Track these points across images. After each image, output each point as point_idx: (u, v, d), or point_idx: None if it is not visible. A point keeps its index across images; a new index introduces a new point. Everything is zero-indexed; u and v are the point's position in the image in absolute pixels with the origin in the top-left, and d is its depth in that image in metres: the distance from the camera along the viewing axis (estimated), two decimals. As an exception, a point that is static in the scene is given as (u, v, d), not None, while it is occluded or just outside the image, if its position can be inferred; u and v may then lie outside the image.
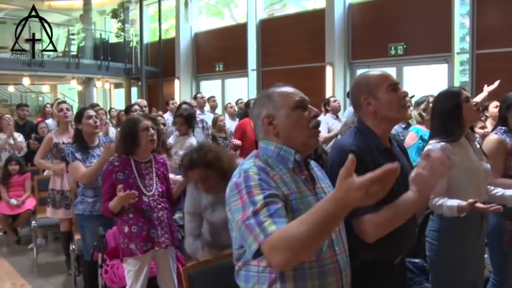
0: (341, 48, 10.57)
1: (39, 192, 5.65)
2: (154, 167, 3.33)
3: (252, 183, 1.59)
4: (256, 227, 1.50)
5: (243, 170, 1.66)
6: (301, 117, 1.74)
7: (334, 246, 1.70)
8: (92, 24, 16.68)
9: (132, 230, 3.15)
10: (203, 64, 14.30)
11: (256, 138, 1.85)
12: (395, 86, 2.04)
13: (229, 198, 1.64)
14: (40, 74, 13.68)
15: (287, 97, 1.76)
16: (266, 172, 1.64)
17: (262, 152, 1.76)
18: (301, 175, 1.74)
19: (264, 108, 1.77)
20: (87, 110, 4.10)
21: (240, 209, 1.57)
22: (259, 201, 1.54)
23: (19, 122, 7.99)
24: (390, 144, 2.12)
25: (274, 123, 1.74)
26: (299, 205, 1.63)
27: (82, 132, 3.98)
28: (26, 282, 4.93)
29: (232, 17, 14.93)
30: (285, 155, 1.72)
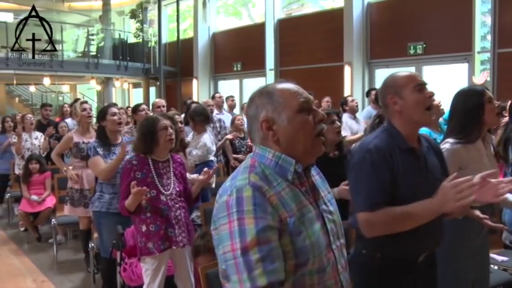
0: (359, 47, 10.49)
1: (59, 190, 5.72)
2: (172, 167, 3.34)
3: (245, 208, 1.38)
4: (245, 271, 1.34)
5: (235, 187, 1.43)
6: (306, 122, 1.50)
7: (338, 264, 1.54)
8: (111, 25, 16.84)
9: (149, 229, 3.17)
10: (221, 64, 14.33)
11: (251, 141, 1.60)
12: (421, 86, 2.06)
13: (217, 218, 1.43)
14: (60, 74, 13.86)
15: (290, 97, 1.51)
16: (263, 192, 1.41)
17: (258, 161, 1.51)
18: (302, 187, 1.52)
19: (263, 109, 1.51)
20: (111, 107, 4.12)
21: (228, 237, 1.38)
22: (250, 234, 1.35)
23: (43, 121, 8.11)
24: (419, 144, 2.12)
25: (274, 128, 1.49)
26: (299, 227, 1.43)
27: (105, 129, 4.02)
28: (46, 279, 5.00)
29: (250, 17, 14.92)
30: (284, 165, 1.49)
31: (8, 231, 6.91)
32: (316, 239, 1.45)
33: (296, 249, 1.42)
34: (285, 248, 1.40)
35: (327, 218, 1.54)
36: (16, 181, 7.19)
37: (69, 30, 17.09)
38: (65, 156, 6.76)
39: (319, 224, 1.49)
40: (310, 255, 1.43)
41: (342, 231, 1.62)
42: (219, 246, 1.42)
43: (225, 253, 1.38)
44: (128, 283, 3.50)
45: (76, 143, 4.92)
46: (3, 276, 5.12)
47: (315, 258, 1.44)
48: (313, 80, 10.33)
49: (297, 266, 1.43)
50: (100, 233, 4.06)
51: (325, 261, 1.48)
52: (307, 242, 1.43)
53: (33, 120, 7.09)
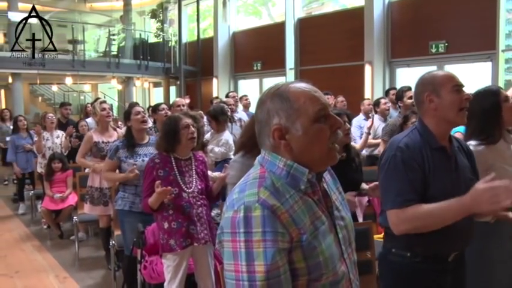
0: (380, 46, 10.39)
1: (80, 188, 5.79)
2: (194, 165, 3.37)
3: (253, 230, 1.27)
4: None
5: (244, 204, 1.31)
6: (322, 132, 1.37)
7: (350, 274, 1.46)
8: (131, 25, 17.00)
9: (171, 226, 3.19)
10: (241, 63, 14.35)
11: (259, 145, 1.46)
12: (459, 88, 2.08)
13: (222, 232, 1.35)
14: (82, 73, 14.03)
15: (306, 104, 1.37)
16: (273, 211, 1.30)
17: (268, 170, 1.39)
18: (315, 195, 1.41)
19: (275, 115, 1.37)
20: (135, 106, 4.17)
21: (232, 256, 1.29)
22: (258, 260, 1.26)
23: (62, 120, 8.22)
24: (450, 143, 2.13)
25: (287, 137, 1.36)
26: (312, 242, 1.34)
27: (132, 129, 4.06)
28: (68, 275, 5.07)
29: (270, 16, 14.91)
30: (297, 174, 1.37)
31: (31, 228, 7.03)
32: (329, 253, 1.38)
33: (310, 266, 1.34)
34: (297, 264, 1.33)
35: (338, 226, 1.46)
36: (39, 179, 7.31)
37: (91, 31, 17.31)
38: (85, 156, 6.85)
39: (332, 235, 1.41)
40: (324, 270, 1.36)
41: (353, 235, 1.55)
42: (224, 259, 1.34)
43: (228, 271, 1.31)
44: (148, 281, 3.53)
45: (96, 143, 4.97)
46: (28, 272, 5.21)
47: (329, 272, 1.37)
48: (333, 80, 10.29)
49: (310, 281, 1.36)
50: (123, 231, 4.10)
51: (340, 274, 1.41)
52: (321, 257, 1.35)
53: (54, 119, 7.18)
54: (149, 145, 4.06)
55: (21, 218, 7.66)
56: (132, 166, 3.84)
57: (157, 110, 5.43)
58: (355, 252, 1.54)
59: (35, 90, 18.96)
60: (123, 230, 4.08)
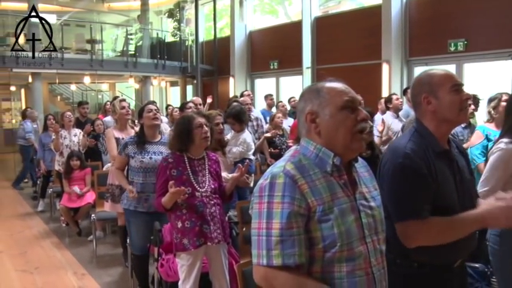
0: (398, 45, 10.29)
1: (98, 186, 5.85)
2: (207, 164, 3.37)
3: (275, 194, 1.52)
4: (264, 249, 1.49)
5: (271, 173, 1.57)
6: (347, 119, 1.58)
7: (371, 258, 1.58)
8: (148, 24, 17.08)
9: (185, 226, 3.20)
10: (258, 62, 14.34)
11: (299, 134, 1.73)
12: (458, 87, 1.97)
13: (254, 198, 1.59)
14: (100, 73, 14.14)
15: (336, 95, 1.60)
16: (294, 180, 1.52)
17: (300, 151, 1.64)
18: (340, 180, 1.59)
19: (309, 103, 1.63)
20: (148, 105, 4.20)
21: (257, 215, 1.54)
22: (276, 218, 1.49)
23: (81, 119, 8.32)
24: (449, 146, 2.04)
25: (317, 121, 1.61)
26: (327, 215, 1.52)
27: (144, 126, 4.09)
28: (86, 272, 5.12)
29: (287, 15, 14.87)
30: (324, 157, 1.59)
31: (50, 225, 7.13)
32: (346, 228, 1.52)
33: (324, 236, 1.51)
34: (313, 233, 1.52)
35: (364, 213, 1.59)
36: (57, 177, 7.40)
37: (109, 30, 17.43)
38: (102, 154, 6.92)
39: (353, 216, 1.56)
40: (338, 242, 1.51)
41: (382, 227, 1.66)
42: (252, 221, 1.56)
43: (252, 229, 1.54)
44: (165, 278, 3.54)
45: (116, 139, 5.01)
46: (47, 268, 5.28)
47: (343, 246, 1.51)
48: (350, 79, 10.01)
49: (325, 252, 1.52)
50: (129, 230, 4.13)
51: (356, 252, 1.54)
52: (336, 230, 1.51)
53: (72, 118, 7.27)
54: (160, 144, 4.08)
55: (41, 216, 7.77)
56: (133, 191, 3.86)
57: (185, 107, 5.47)
58: (383, 243, 1.66)
59: (54, 90, 19.16)
60: (129, 229, 4.12)
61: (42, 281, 4.92)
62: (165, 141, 4.11)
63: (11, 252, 5.91)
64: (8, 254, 5.85)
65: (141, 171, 3.95)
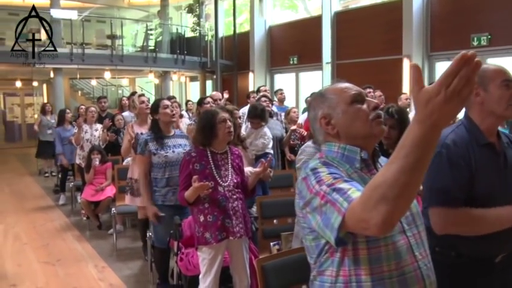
0: (419, 40, 10.16)
1: (119, 180, 5.90)
2: (230, 159, 3.38)
3: (320, 173, 1.47)
4: (340, 197, 1.35)
5: (309, 168, 1.53)
6: (360, 110, 1.58)
7: (414, 251, 1.53)
8: (168, 20, 17.15)
9: (207, 219, 3.21)
10: (277, 57, 14.30)
11: (317, 142, 1.72)
12: (509, 83, 1.98)
13: (303, 196, 1.50)
14: (120, 68, 14.27)
15: (341, 93, 1.62)
16: (335, 167, 1.51)
17: (325, 155, 1.61)
18: (370, 174, 1.57)
19: (319, 109, 1.64)
20: (163, 100, 4.22)
21: (315, 197, 1.43)
22: (329, 180, 1.43)
23: (101, 113, 8.40)
24: (498, 139, 2.05)
25: (332, 122, 1.61)
26: None
27: (159, 122, 4.11)
28: (106, 265, 5.18)
29: (306, 10, 14.80)
30: (350, 154, 1.58)
31: (72, 218, 7.22)
32: None
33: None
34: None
35: None
36: (78, 171, 7.49)
37: (129, 26, 17.57)
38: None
39: None
40: (381, 236, 1.44)
41: (420, 220, 1.62)
42: (311, 207, 1.45)
43: (321, 206, 1.41)
44: (184, 272, 3.56)
45: (136, 134, 5.05)
46: (68, 260, 5.36)
47: (387, 240, 1.46)
48: (370, 74, 10.13)
49: (370, 249, 1.46)
50: (154, 224, 4.16)
51: (399, 246, 1.49)
52: None
53: (95, 113, 7.34)
54: (176, 136, 4.13)
55: (62, 209, 7.88)
56: (157, 213, 3.92)
57: (203, 103, 5.49)
58: (424, 234, 1.60)
59: (75, 85, 19.41)
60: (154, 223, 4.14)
61: (64, 273, 4.99)
62: (180, 134, 4.15)
63: (34, 244, 6.01)
64: (31, 245, 5.95)
65: (165, 166, 3.98)
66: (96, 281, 4.78)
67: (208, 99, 5.59)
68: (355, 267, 1.48)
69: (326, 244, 1.51)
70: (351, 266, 1.48)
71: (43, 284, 4.72)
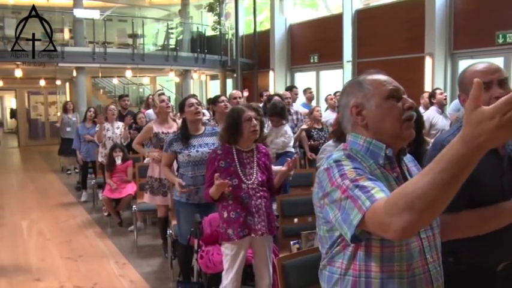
0: (442, 37, 10.00)
1: (139, 178, 5.95)
2: (256, 157, 3.38)
3: (344, 167, 1.45)
4: (362, 195, 1.34)
5: (332, 159, 1.51)
6: (394, 108, 1.54)
7: (426, 254, 1.51)
8: (189, 18, 17.22)
9: (230, 216, 3.23)
10: (298, 56, 14.25)
11: (344, 130, 1.69)
12: (489, 84, 1.86)
13: (323, 187, 1.49)
14: (141, 66, 14.37)
15: (379, 85, 1.57)
16: (358, 162, 1.50)
17: (350, 146, 1.60)
18: (393, 172, 1.55)
19: (353, 96, 1.60)
20: (189, 98, 4.24)
21: (337, 189, 1.42)
22: (353, 176, 1.41)
23: (122, 112, 8.49)
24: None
25: (363, 113, 1.57)
26: None
27: (186, 120, 4.13)
28: (127, 261, 5.23)
29: (327, 8, 14.71)
30: (375, 149, 1.55)
31: (93, 215, 7.31)
32: None
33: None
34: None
35: None
36: (100, 168, 7.58)
37: (150, 25, 17.68)
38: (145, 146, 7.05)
39: None
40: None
41: (436, 222, 1.60)
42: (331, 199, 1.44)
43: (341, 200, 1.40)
44: (205, 270, 3.57)
45: (156, 133, 5.09)
46: (90, 257, 5.42)
47: (401, 241, 1.44)
48: (392, 72, 9.75)
49: (383, 248, 1.45)
50: (178, 221, 4.18)
51: (412, 248, 1.47)
52: None
53: (115, 111, 7.43)
54: (204, 135, 4.12)
55: (84, 206, 7.98)
56: (184, 186, 3.93)
57: (217, 101, 5.49)
58: (438, 237, 1.60)
59: (97, 83, 19.60)
60: (179, 220, 4.16)
61: (86, 269, 5.05)
62: (209, 132, 4.15)
63: (57, 240, 6.11)
64: (54, 241, 6.05)
65: (190, 165, 4.01)
66: (117, 277, 4.83)
67: (223, 98, 5.56)
68: (366, 262, 1.48)
69: (339, 237, 1.51)
70: (362, 261, 1.48)
71: (65, 279, 4.79)
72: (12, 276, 4.89)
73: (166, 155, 4.17)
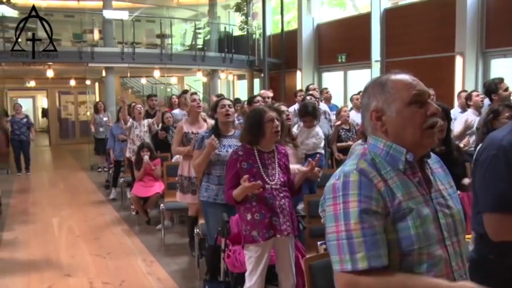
0: (473, 36, 9.77)
1: (167, 177, 6.00)
2: (277, 157, 3.37)
3: (350, 192, 1.41)
4: (347, 253, 1.37)
5: (343, 172, 1.47)
6: (415, 115, 1.46)
7: (451, 262, 1.46)
8: (216, 18, 17.29)
9: (254, 218, 3.21)
10: (325, 55, 14.16)
11: (364, 131, 1.67)
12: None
13: (325, 200, 1.49)
14: (169, 66, 14.49)
15: (402, 89, 1.48)
16: (369, 178, 1.42)
17: (369, 149, 1.54)
18: (414, 177, 1.49)
19: (374, 99, 1.52)
20: (222, 99, 4.26)
21: (333, 218, 1.42)
22: (354, 217, 1.37)
23: (149, 111, 8.58)
24: None
25: (383, 119, 1.50)
26: (404, 216, 1.41)
27: (217, 121, 4.15)
28: (154, 259, 5.28)
29: (355, 7, 14.57)
30: (395, 154, 1.49)
31: (121, 213, 7.41)
32: (423, 231, 1.41)
33: (400, 238, 1.40)
34: (389, 235, 1.39)
35: (441, 212, 1.48)
36: (128, 167, 7.68)
37: (178, 25, 17.81)
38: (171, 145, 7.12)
39: (430, 217, 1.44)
40: (416, 245, 1.39)
41: (462, 228, 1.53)
42: (327, 224, 1.46)
43: (329, 233, 1.43)
44: (231, 269, 3.57)
45: (185, 133, 5.12)
46: (118, 254, 5.50)
47: (422, 249, 1.40)
48: (421, 72, 9.64)
49: (402, 256, 1.40)
50: (206, 221, 4.20)
51: (436, 257, 1.42)
52: (413, 232, 1.40)
53: (142, 110, 7.53)
54: (234, 137, 4.13)
55: (112, 204, 8.10)
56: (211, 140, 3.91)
57: (253, 102, 5.51)
58: (463, 243, 1.54)
59: (126, 83, 19.84)
60: (207, 220, 4.17)
61: (114, 266, 5.12)
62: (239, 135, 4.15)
63: (86, 237, 6.21)
64: (83, 238, 6.15)
65: (218, 164, 4.02)
66: (145, 274, 4.88)
67: (258, 98, 5.60)
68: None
69: None
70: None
71: (94, 275, 4.86)
72: (43, 272, 5.00)
73: (198, 152, 4.16)
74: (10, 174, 11.40)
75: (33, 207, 8.02)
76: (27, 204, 8.25)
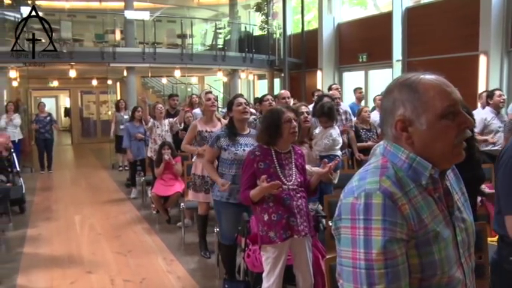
0: (498, 35, 9.59)
1: (188, 176, 6.02)
2: (294, 158, 3.36)
3: (373, 218, 1.25)
4: (364, 284, 1.23)
5: (365, 191, 1.28)
6: (448, 130, 1.29)
7: (466, 280, 1.38)
8: (237, 18, 17.32)
9: (272, 218, 3.20)
10: (346, 55, 14.06)
11: (382, 135, 1.48)
12: None
13: (341, 219, 1.32)
14: (190, 66, 14.57)
15: (435, 98, 1.29)
16: (394, 200, 1.26)
17: (390, 161, 1.35)
18: (435, 193, 1.35)
19: (401, 106, 1.32)
20: (238, 98, 4.26)
21: (350, 243, 1.27)
22: (377, 248, 1.23)
23: (170, 110, 8.64)
24: None
25: (409, 130, 1.31)
26: (428, 240, 1.29)
27: (233, 119, 4.15)
28: (174, 258, 5.31)
29: (376, 6, 14.45)
30: (419, 168, 1.32)
31: (142, 212, 7.47)
32: (446, 254, 1.31)
33: (423, 264, 1.29)
34: (411, 260, 1.28)
35: (458, 228, 1.38)
36: (149, 166, 7.74)
37: (198, 25, 17.90)
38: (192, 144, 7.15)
39: (450, 236, 1.34)
40: (439, 271, 1.30)
41: (473, 239, 1.44)
42: (339, 247, 1.32)
43: (344, 258, 1.29)
44: (251, 269, 3.57)
45: (199, 132, 5.12)
46: (139, 252, 5.54)
47: (444, 274, 1.31)
48: (444, 72, 9.42)
49: (422, 281, 1.30)
50: (219, 221, 4.21)
51: (456, 278, 1.33)
52: (436, 257, 1.29)
53: (163, 110, 7.58)
54: (249, 136, 4.12)
55: (133, 202, 8.17)
56: (225, 185, 3.93)
57: (262, 100, 5.51)
58: (473, 257, 1.44)
59: (146, 83, 20.01)
60: (220, 220, 4.19)
61: (135, 264, 5.16)
62: (254, 134, 4.14)
63: (108, 234, 6.28)
64: (105, 236, 6.22)
65: (234, 163, 4.02)
66: (165, 273, 4.91)
67: (268, 97, 5.60)
68: None
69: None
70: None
71: (115, 272, 4.91)
72: (66, 268, 5.07)
73: (210, 149, 4.18)
74: (34, 173, 11.58)
75: (56, 204, 8.14)
76: (50, 201, 8.38)
